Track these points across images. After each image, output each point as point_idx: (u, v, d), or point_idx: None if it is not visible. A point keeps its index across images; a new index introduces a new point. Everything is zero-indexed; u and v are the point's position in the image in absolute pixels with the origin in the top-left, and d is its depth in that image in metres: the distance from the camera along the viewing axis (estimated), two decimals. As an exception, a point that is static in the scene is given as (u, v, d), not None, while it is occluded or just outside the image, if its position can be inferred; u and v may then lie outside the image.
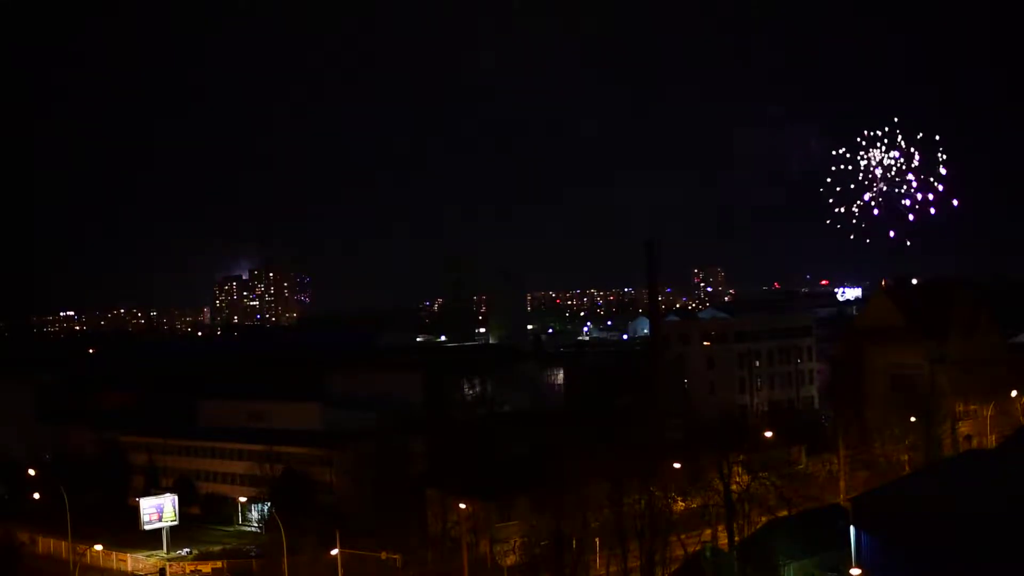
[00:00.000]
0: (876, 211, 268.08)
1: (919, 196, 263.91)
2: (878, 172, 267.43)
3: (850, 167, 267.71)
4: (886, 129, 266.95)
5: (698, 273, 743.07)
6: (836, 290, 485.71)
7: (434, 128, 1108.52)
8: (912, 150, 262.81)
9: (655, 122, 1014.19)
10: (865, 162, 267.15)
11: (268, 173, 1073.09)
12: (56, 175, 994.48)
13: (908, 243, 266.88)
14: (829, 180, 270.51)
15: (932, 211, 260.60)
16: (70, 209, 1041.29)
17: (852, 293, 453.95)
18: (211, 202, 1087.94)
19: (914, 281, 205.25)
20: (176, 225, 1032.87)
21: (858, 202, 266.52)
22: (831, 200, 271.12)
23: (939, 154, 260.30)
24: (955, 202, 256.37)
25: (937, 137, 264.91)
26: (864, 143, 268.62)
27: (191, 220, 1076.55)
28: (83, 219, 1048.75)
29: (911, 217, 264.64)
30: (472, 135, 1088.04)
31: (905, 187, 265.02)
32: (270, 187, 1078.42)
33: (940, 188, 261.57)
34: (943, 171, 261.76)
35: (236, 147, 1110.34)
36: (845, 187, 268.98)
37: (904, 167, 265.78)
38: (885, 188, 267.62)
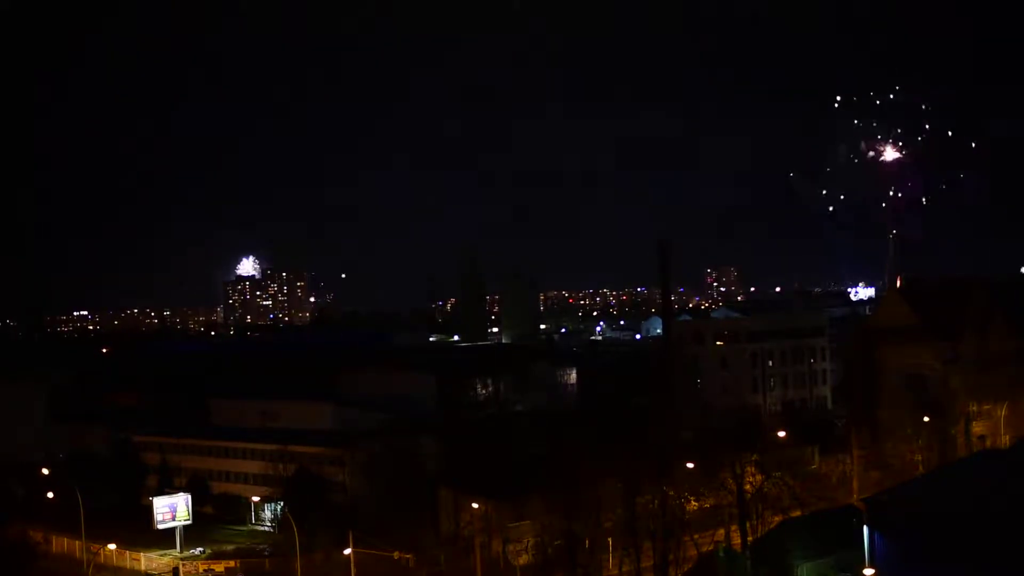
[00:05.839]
0: (884, 204, 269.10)
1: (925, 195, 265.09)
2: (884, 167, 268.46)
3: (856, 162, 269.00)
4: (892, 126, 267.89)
5: (711, 273, 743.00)
6: (849, 290, 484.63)
7: (440, 127, 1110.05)
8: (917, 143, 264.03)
9: (665, 121, 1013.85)
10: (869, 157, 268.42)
11: (279, 173, 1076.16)
12: (67, 175, 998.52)
13: (893, 233, 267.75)
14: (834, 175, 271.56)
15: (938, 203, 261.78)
16: (82, 209, 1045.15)
17: (865, 293, 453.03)
18: (224, 202, 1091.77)
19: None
20: (188, 225, 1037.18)
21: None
22: (840, 197, 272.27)
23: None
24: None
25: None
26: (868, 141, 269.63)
27: (203, 220, 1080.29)
28: (95, 219, 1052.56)
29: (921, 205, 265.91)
30: (479, 134, 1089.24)
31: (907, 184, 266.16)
32: (282, 188, 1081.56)
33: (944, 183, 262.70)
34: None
35: (247, 147, 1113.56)
36: (852, 184, 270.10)
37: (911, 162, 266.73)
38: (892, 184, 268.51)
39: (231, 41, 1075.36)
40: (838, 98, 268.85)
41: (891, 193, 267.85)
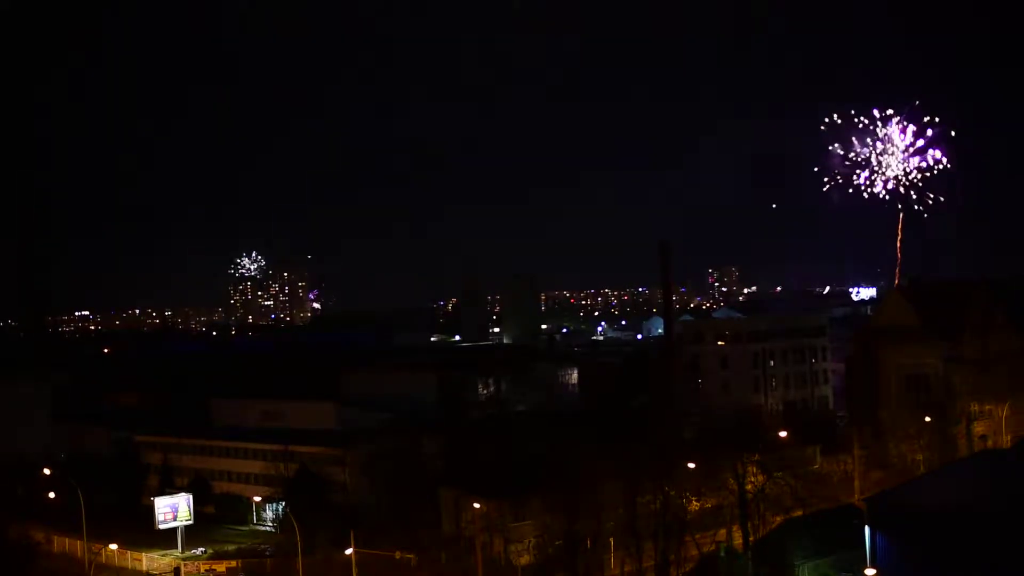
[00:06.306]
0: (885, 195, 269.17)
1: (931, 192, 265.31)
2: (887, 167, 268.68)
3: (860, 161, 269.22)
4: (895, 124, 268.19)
5: (713, 273, 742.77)
6: (851, 290, 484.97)
7: (444, 127, 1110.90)
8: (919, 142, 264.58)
9: (668, 120, 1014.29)
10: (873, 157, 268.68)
11: (280, 174, 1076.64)
12: (68, 175, 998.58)
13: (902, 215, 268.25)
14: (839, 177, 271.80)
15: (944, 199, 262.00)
16: (84, 210, 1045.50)
17: (867, 293, 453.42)
18: (225, 203, 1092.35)
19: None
20: (189, 226, 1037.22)
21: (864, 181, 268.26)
22: (836, 198, 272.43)
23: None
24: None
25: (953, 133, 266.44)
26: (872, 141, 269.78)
27: (205, 221, 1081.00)
28: (95, 219, 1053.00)
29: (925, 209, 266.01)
30: (481, 135, 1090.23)
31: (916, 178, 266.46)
32: (282, 188, 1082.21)
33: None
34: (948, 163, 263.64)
35: (248, 148, 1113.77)
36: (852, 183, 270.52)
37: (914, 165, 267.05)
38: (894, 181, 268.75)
39: (231, 42, 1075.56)
40: (826, 119, 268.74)
41: (887, 199, 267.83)
